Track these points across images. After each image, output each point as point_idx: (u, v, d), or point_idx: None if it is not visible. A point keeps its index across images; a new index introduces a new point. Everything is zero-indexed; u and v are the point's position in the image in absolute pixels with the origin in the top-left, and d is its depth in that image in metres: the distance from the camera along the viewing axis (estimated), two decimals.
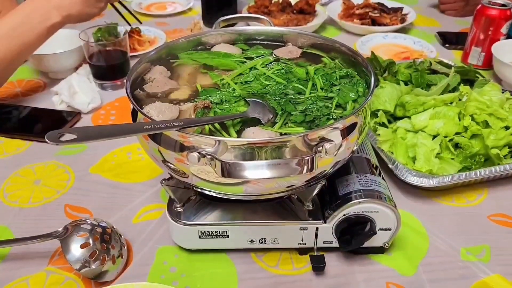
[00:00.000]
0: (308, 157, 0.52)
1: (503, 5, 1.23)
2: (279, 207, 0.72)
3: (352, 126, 0.62)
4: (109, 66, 1.17)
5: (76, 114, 1.07)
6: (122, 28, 1.20)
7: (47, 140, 0.46)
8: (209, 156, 0.54)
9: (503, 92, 0.97)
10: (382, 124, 0.95)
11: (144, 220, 0.80)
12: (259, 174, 0.51)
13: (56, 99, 1.10)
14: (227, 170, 0.51)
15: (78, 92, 1.09)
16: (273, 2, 1.58)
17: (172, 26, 1.58)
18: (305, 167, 0.51)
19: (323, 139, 0.57)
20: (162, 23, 1.61)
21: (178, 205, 0.71)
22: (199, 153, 0.54)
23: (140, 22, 1.47)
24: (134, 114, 0.65)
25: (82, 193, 0.86)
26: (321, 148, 0.55)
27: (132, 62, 1.21)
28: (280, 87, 0.72)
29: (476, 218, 0.82)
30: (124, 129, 0.51)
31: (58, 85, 1.10)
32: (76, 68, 1.23)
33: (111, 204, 0.84)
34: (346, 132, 0.60)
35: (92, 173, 0.91)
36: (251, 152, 0.55)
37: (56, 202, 0.84)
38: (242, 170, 0.51)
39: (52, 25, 1.02)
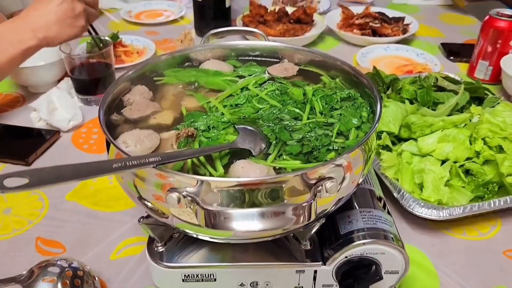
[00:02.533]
0: (305, 204, 0.44)
1: None
2: (272, 245, 0.64)
3: (356, 158, 0.54)
4: (92, 79, 1.09)
5: (55, 133, 0.99)
6: (107, 39, 1.12)
7: None
8: (190, 198, 0.46)
9: None
10: (386, 147, 0.87)
11: (123, 256, 0.72)
12: (248, 226, 0.43)
13: (34, 116, 1.03)
14: (211, 221, 0.43)
15: (58, 108, 1.01)
16: (269, 11, 1.51)
17: (162, 36, 1.50)
18: (302, 217, 0.44)
19: (323, 178, 0.49)
20: (152, 32, 1.53)
21: (159, 244, 0.63)
22: (179, 193, 0.47)
23: (99, 49, 1.17)
24: (108, 143, 0.57)
25: (56, 224, 0.78)
26: (320, 187, 0.48)
27: (118, 75, 1.13)
28: (274, 111, 0.64)
29: (490, 254, 0.74)
30: (88, 170, 0.43)
31: (36, 101, 1.02)
32: (58, 81, 1.15)
33: (88, 237, 0.76)
34: (350, 164, 0.53)
35: (68, 200, 0.83)
36: (240, 193, 0.47)
37: (27, 234, 0.76)
38: (229, 221, 0.43)
39: (27, 48, 0.95)
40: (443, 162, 0.82)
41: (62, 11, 0.98)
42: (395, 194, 0.78)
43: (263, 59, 0.79)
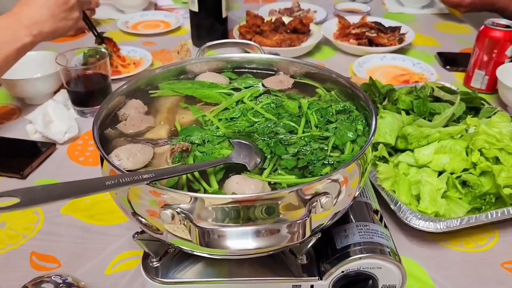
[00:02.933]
0: (300, 221, 0.44)
1: (507, 26, 1.16)
2: (269, 259, 0.63)
3: (352, 172, 0.54)
4: (88, 91, 1.09)
5: (51, 145, 0.98)
6: (103, 50, 1.12)
7: None
8: (183, 215, 0.46)
9: None
10: (383, 158, 0.87)
11: (119, 271, 0.72)
12: (242, 245, 0.43)
13: (30, 128, 1.02)
14: (205, 239, 0.43)
15: (54, 120, 1.01)
16: (265, 21, 1.51)
17: (159, 46, 1.50)
18: (296, 235, 0.43)
19: (318, 193, 0.49)
20: (149, 42, 1.53)
21: (154, 260, 0.62)
22: (173, 210, 0.47)
23: (101, 43, 1.27)
24: (102, 158, 0.57)
25: (51, 238, 0.78)
26: (315, 203, 0.48)
27: (115, 86, 1.13)
28: (269, 125, 0.64)
29: (488, 266, 0.74)
30: (81, 188, 0.43)
31: (32, 113, 1.02)
32: (55, 93, 1.14)
33: (83, 251, 0.75)
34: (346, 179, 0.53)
35: (63, 214, 0.83)
36: (234, 210, 0.47)
37: (22, 249, 0.76)
38: (223, 240, 0.43)
39: (22, 46, 0.93)
40: (440, 173, 0.81)
41: (55, 5, 0.97)
42: (392, 206, 0.78)
43: (259, 71, 0.79)
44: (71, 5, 1.00)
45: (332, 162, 0.57)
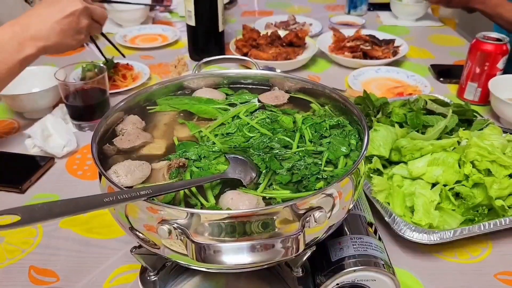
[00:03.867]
0: (293, 236, 0.45)
1: (498, 39, 1.18)
2: (265, 272, 0.65)
3: (345, 186, 0.55)
4: (87, 106, 1.10)
5: (49, 159, 0.99)
6: (102, 66, 1.14)
7: None
8: (180, 230, 0.47)
9: (504, 133, 0.92)
10: (377, 170, 0.88)
11: (117, 285, 0.72)
12: (238, 260, 0.44)
13: (28, 143, 1.03)
14: (202, 254, 0.44)
15: (53, 134, 1.02)
16: (261, 35, 1.53)
17: (157, 60, 1.52)
18: (290, 249, 0.45)
19: (312, 208, 0.50)
20: (147, 56, 1.55)
21: (151, 274, 0.63)
22: (169, 225, 0.48)
23: (124, 56, 1.42)
24: (100, 174, 0.58)
25: (49, 252, 0.78)
26: (309, 218, 0.49)
27: (113, 100, 1.15)
28: (264, 140, 0.65)
29: (482, 277, 0.75)
30: (79, 205, 0.44)
31: (31, 128, 1.03)
32: (53, 107, 1.16)
33: (81, 265, 0.76)
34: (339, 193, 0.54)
35: (62, 227, 0.83)
36: (229, 225, 0.48)
37: (20, 263, 0.76)
38: (219, 255, 0.44)
39: (26, 57, 0.94)
40: (433, 185, 0.83)
41: (67, 23, 0.98)
42: (386, 218, 0.79)
43: (255, 86, 0.81)
44: (81, 27, 1.01)
45: (326, 177, 0.58)
